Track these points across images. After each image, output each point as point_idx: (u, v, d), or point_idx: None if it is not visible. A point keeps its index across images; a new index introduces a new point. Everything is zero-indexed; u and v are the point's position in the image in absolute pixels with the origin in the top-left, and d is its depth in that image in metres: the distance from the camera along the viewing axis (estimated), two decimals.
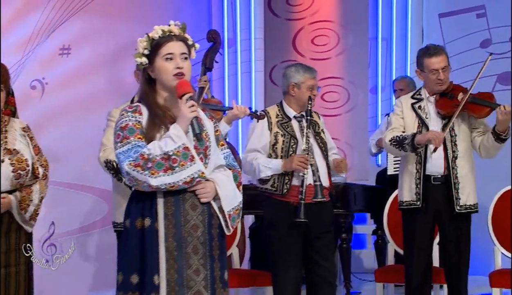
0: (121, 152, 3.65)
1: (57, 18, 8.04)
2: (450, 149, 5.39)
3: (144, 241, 3.67)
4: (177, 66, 3.69)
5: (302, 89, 5.45)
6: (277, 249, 5.52)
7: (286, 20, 9.23)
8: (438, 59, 5.39)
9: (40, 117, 7.34)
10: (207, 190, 3.68)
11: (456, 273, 5.49)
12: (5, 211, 4.73)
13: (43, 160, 4.95)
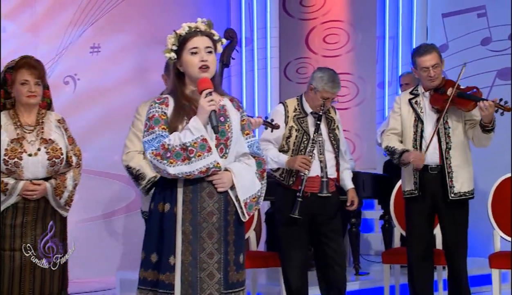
0: (146, 141, 3.69)
1: (88, 18, 8.07)
2: (444, 140, 5.38)
3: (162, 224, 3.70)
4: (202, 59, 3.71)
5: (317, 96, 5.38)
6: (283, 232, 5.53)
7: (299, 20, 9.24)
8: (428, 58, 5.38)
9: (73, 110, 7.38)
10: (223, 180, 3.68)
11: (455, 255, 5.49)
12: (41, 197, 4.78)
13: (77, 149, 4.98)
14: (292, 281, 5.50)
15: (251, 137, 3.88)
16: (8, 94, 4.89)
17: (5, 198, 4.71)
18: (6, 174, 4.70)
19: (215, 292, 3.66)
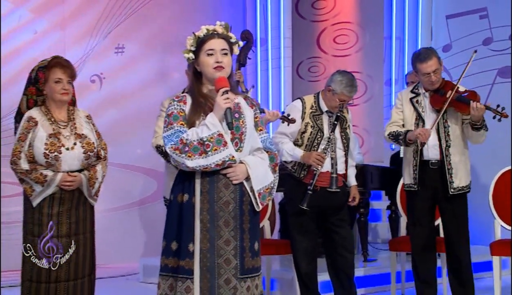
0: (166, 136, 3.70)
1: (113, 21, 8.10)
2: (444, 138, 5.36)
3: (182, 214, 3.72)
4: (217, 61, 3.72)
5: (334, 97, 5.36)
6: (293, 221, 5.54)
7: (311, 22, 9.24)
8: (430, 63, 5.31)
9: (99, 106, 7.42)
10: (237, 172, 3.69)
11: (456, 245, 5.47)
12: (75, 188, 4.81)
13: (103, 143, 5.01)
14: (302, 266, 5.51)
15: (264, 134, 3.89)
16: (40, 92, 4.92)
17: (43, 188, 4.74)
18: (44, 166, 4.73)
19: (232, 277, 3.67)
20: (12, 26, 7.68)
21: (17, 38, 7.71)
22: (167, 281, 3.75)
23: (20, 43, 7.70)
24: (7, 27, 7.62)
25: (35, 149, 4.74)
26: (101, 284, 5.28)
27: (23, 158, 4.75)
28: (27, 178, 4.76)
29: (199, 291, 3.65)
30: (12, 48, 7.65)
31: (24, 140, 4.77)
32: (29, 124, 4.80)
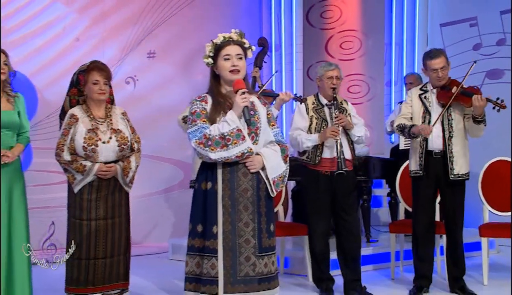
0: (190, 131, 3.72)
1: (145, 30, 8.13)
2: (447, 129, 5.35)
3: (206, 200, 3.73)
4: (233, 65, 3.74)
5: (323, 80, 5.46)
6: (310, 206, 5.53)
7: (320, 30, 9.22)
8: (438, 61, 5.35)
9: (133, 105, 7.43)
10: (254, 162, 3.71)
11: (453, 226, 5.46)
12: (111, 177, 4.84)
13: (137, 137, 5.04)
14: (317, 246, 5.51)
15: (276, 128, 3.92)
16: (80, 92, 4.95)
17: (83, 177, 4.78)
18: (84, 158, 4.77)
19: (251, 255, 3.69)
20: (56, 33, 7.73)
21: (60, 45, 7.76)
22: (194, 259, 3.77)
23: (63, 49, 7.74)
24: (53, 35, 7.69)
25: (76, 142, 4.77)
26: (135, 261, 5.31)
27: (66, 150, 4.78)
28: (69, 167, 4.79)
29: (222, 267, 3.67)
30: (56, 54, 7.70)
31: (67, 135, 4.81)
32: (71, 120, 4.84)
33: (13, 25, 7.48)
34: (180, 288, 4.38)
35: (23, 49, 7.46)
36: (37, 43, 7.59)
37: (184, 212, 4.33)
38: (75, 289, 4.86)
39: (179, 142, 7.67)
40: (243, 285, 3.68)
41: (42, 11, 7.66)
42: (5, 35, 7.37)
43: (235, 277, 3.67)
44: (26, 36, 7.55)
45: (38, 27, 7.61)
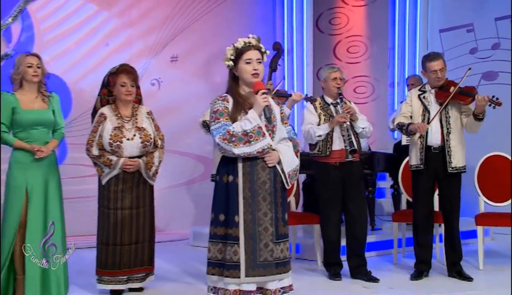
0: (214, 128, 3.70)
1: (169, 36, 8.14)
2: (445, 126, 5.35)
3: (228, 191, 3.72)
4: (254, 68, 3.73)
5: (328, 82, 5.51)
6: (322, 197, 5.53)
7: (328, 35, 9.20)
8: (436, 63, 5.36)
9: (158, 105, 7.43)
10: (272, 157, 3.71)
11: (450, 215, 5.45)
12: (136, 170, 4.85)
13: (161, 134, 5.05)
14: (330, 233, 5.51)
15: (288, 126, 3.91)
16: (110, 93, 4.98)
17: (110, 170, 4.82)
18: (110, 153, 4.80)
19: (270, 241, 3.69)
20: (92, 41, 7.78)
21: (93, 50, 7.80)
22: (217, 246, 3.76)
23: (95, 53, 7.79)
24: (90, 44, 7.78)
25: (103, 139, 4.81)
26: (159, 247, 5.32)
27: (95, 145, 4.82)
28: (98, 161, 4.83)
29: (244, 253, 3.67)
30: (88, 58, 7.74)
31: (96, 131, 4.85)
32: (100, 118, 4.87)
33: (53, 37, 7.53)
34: (201, 272, 4.41)
35: (63, 59, 7.55)
36: (75, 54, 7.68)
37: (204, 202, 4.34)
38: (104, 272, 4.90)
39: (200, 139, 7.67)
40: (262, 269, 3.68)
41: (76, 18, 7.70)
42: (44, 41, 7.42)
43: (255, 262, 3.67)
44: (66, 46, 7.62)
45: (76, 40, 7.70)
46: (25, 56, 4.75)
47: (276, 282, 3.73)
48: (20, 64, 4.71)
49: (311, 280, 5.48)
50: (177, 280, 5.45)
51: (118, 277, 4.88)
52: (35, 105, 4.72)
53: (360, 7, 9.19)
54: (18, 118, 4.66)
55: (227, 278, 3.68)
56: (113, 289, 4.91)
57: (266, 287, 3.74)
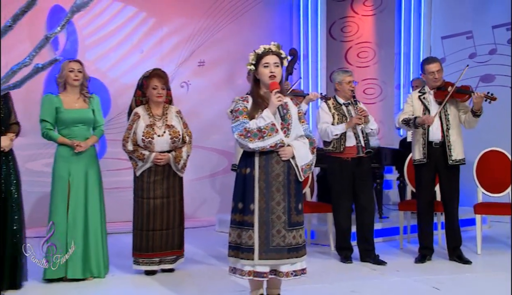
0: (233, 125, 3.72)
1: (197, 43, 8.16)
2: (445, 123, 5.34)
3: (245, 182, 3.74)
4: (271, 71, 3.73)
5: (343, 85, 5.48)
6: (335, 188, 5.52)
7: (340, 42, 9.16)
8: (434, 65, 5.36)
9: (186, 105, 7.46)
10: (286, 151, 3.71)
11: (450, 205, 5.42)
12: (166, 163, 4.86)
13: (189, 131, 5.05)
14: (342, 221, 5.50)
15: (305, 125, 3.90)
16: (144, 94, 4.99)
17: (143, 163, 4.84)
18: (143, 148, 4.83)
19: (282, 228, 3.69)
20: (126, 49, 7.82)
21: (129, 57, 7.83)
22: (236, 231, 3.77)
23: (132, 59, 7.83)
24: (127, 51, 7.82)
25: (137, 135, 4.83)
26: (188, 232, 5.34)
27: (129, 141, 4.85)
28: (132, 156, 4.86)
29: (258, 238, 3.67)
30: (125, 64, 7.78)
31: (131, 129, 4.88)
32: (134, 117, 4.89)
33: (94, 44, 7.57)
34: (224, 255, 4.41)
35: (104, 64, 7.61)
36: (113, 59, 7.74)
37: (228, 192, 4.34)
38: (139, 254, 4.92)
39: (224, 135, 7.68)
40: (275, 253, 3.68)
41: (116, 26, 7.74)
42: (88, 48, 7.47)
43: (268, 247, 3.67)
44: (106, 53, 7.65)
45: (114, 47, 7.72)
46: (68, 62, 4.82)
47: (288, 266, 3.72)
48: (63, 69, 4.79)
49: (324, 263, 5.47)
50: (204, 262, 5.47)
51: (152, 259, 4.91)
52: (77, 105, 4.79)
53: (369, 16, 9.15)
54: (61, 116, 4.72)
55: (242, 260, 3.70)
56: (147, 270, 4.94)
57: (279, 269, 3.74)
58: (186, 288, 4.55)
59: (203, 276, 4.96)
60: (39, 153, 6.81)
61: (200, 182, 8.03)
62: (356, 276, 4.97)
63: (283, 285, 3.95)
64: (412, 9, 8.78)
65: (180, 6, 8.03)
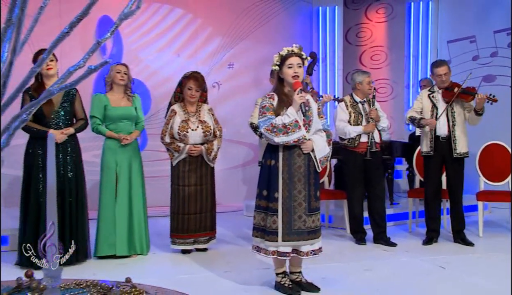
0: (260, 121, 3.74)
1: (226, 47, 8.17)
2: (451, 120, 5.30)
3: (270, 173, 3.75)
4: (294, 71, 3.72)
5: (364, 85, 5.41)
6: (349, 178, 5.52)
7: (355, 46, 9.10)
8: (441, 69, 5.31)
9: (218, 102, 7.47)
10: (307, 145, 3.71)
11: (455, 193, 5.40)
12: (199, 155, 4.89)
13: (219, 126, 5.07)
14: (354, 207, 5.49)
15: (323, 120, 3.90)
16: (181, 91, 5.03)
17: (179, 154, 4.88)
18: (178, 141, 4.86)
19: (303, 214, 3.71)
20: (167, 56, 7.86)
21: (167, 60, 7.87)
22: (260, 215, 3.80)
23: (169, 62, 7.87)
24: (168, 57, 7.82)
25: (174, 129, 4.87)
26: (219, 217, 5.37)
27: (167, 135, 4.89)
28: (169, 147, 4.89)
29: (281, 222, 3.69)
30: (163, 67, 7.82)
31: (168, 124, 4.91)
32: (171, 114, 4.93)
33: (136, 49, 7.63)
34: (251, 236, 4.43)
35: (144, 67, 7.65)
36: (152, 63, 7.76)
37: (254, 181, 4.35)
38: (176, 235, 4.97)
39: (250, 130, 7.68)
40: (296, 236, 3.70)
41: (156, 33, 7.78)
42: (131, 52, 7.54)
43: (290, 230, 3.69)
44: (146, 56, 7.71)
45: (154, 51, 7.77)
46: (116, 65, 4.89)
47: (308, 246, 3.75)
48: (111, 70, 4.86)
49: (341, 244, 5.46)
50: (233, 243, 5.50)
51: (187, 240, 4.95)
52: (122, 103, 4.85)
53: (381, 23, 9.08)
54: (109, 113, 4.79)
55: (267, 241, 3.72)
56: (184, 249, 4.98)
57: (300, 249, 3.75)
58: (218, 265, 4.59)
59: (233, 254, 4.99)
60: (89, 145, 6.90)
61: (230, 172, 8.05)
62: (369, 256, 4.96)
63: (304, 264, 3.96)
64: (421, 16, 8.70)
65: (214, 14, 8.05)
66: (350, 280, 4.14)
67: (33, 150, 4.45)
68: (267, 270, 4.23)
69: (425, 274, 4.37)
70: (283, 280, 3.86)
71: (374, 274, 4.34)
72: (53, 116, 4.48)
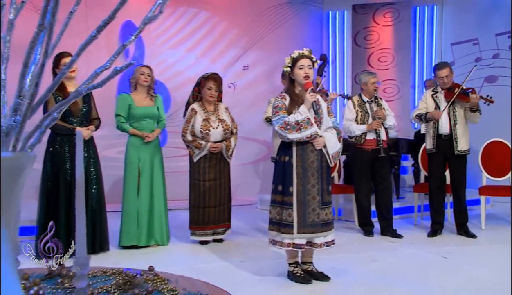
0: (274, 119, 3.73)
1: (241, 50, 8.17)
2: (452, 118, 5.27)
3: (284, 168, 3.73)
4: (305, 72, 3.71)
5: (368, 85, 5.39)
6: (356, 174, 5.50)
7: (364, 48, 9.04)
8: (443, 71, 5.28)
9: (233, 102, 7.48)
10: (319, 142, 3.70)
11: (458, 188, 5.37)
12: (219, 151, 4.89)
13: (235, 125, 5.08)
14: (362, 201, 5.47)
15: (333, 118, 3.89)
16: (199, 91, 5.04)
17: (200, 151, 4.89)
18: (200, 138, 4.87)
19: (316, 207, 3.69)
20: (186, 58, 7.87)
21: (185, 62, 7.89)
22: (276, 209, 3.79)
23: (187, 65, 7.90)
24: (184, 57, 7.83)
25: (195, 128, 4.87)
26: (234, 209, 5.38)
27: (188, 133, 4.89)
28: (191, 145, 4.90)
29: (296, 215, 3.68)
30: (182, 68, 7.84)
31: (189, 122, 4.92)
32: (192, 112, 4.93)
33: (157, 52, 7.66)
34: (264, 228, 4.44)
35: (164, 69, 7.67)
36: (172, 65, 7.79)
37: (268, 175, 4.36)
38: (195, 227, 4.99)
39: (265, 128, 7.68)
40: (310, 228, 3.69)
41: (177, 39, 7.81)
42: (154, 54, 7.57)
43: (305, 223, 3.68)
44: (166, 59, 7.74)
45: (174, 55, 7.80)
46: (140, 67, 4.92)
47: (321, 238, 3.74)
48: (136, 72, 4.89)
49: (349, 236, 5.45)
50: (247, 234, 5.50)
51: (206, 231, 4.97)
52: (145, 103, 4.87)
53: (388, 26, 9.02)
54: (133, 112, 4.81)
55: (283, 234, 3.71)
56: (202, 240, 5.00)
57: (314, 241, 3.74)
58: (234, 256, 4.60)
59: (247, 245, 5.00)
60: (113, 142, 6.96)
61: (245, 167, 8.06)
62: (377, 247, 4.94)
63: (315, 254, 3.96)
64: (426, 20, 8.65)
65: (230, 17, 8.06)
66: (358, 270, 4.13)
67: (58, 145, 4.47)
68: (280, 260, 4.24)
69: (430, 264, 4.35)
70: (295, 269, 3.86)
71: (381, 265, 4.33)
72: (78, 114, 4.52)
